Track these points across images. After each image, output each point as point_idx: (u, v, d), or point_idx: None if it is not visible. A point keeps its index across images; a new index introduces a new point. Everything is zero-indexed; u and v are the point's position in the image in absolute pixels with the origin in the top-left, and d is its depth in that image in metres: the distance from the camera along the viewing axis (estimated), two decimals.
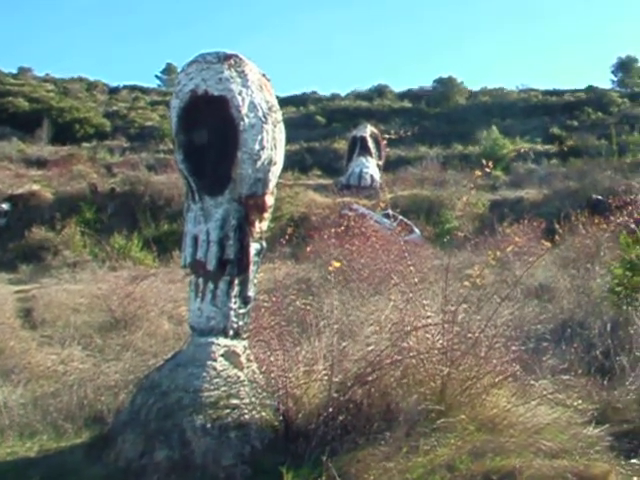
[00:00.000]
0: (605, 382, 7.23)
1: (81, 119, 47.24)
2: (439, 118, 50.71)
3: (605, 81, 61.36)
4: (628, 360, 7.39)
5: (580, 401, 6.62)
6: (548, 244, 8.73)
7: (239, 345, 6.35)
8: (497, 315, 6.94)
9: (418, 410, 5.88)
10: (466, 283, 7.07)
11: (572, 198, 22.28)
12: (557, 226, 16.03)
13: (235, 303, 6.33)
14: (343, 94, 60.78)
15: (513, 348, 6.74)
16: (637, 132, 39.87)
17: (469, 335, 6.48)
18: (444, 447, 5.61)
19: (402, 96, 58.44)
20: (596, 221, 14.14)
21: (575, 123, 46.92)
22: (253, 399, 5.99)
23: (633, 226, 10.39)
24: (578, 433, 5.96)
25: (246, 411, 5.89)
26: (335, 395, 5.98)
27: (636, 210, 10.62)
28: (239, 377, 6.09)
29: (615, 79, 60.30)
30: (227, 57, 6.31)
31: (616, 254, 10.80)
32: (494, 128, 39.40)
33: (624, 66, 59.69)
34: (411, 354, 6.28)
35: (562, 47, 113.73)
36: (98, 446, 6.18)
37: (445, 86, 56.68)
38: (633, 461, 5.63)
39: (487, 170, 7.56)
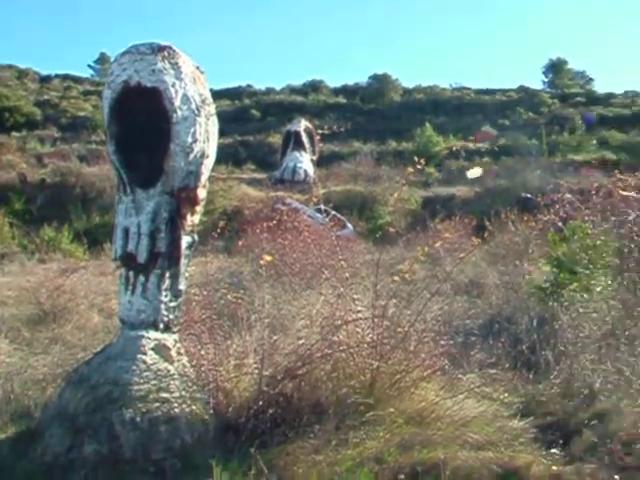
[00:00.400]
0: (530, 376, 7.42)
1: (11, 107, 46.10)
2: (373, 114, 50.98)
3: (536, 82, 62.47)
4: (553, 354, 7.59)
5: (506, 394, 6.78)
6: (478, 241, 8.88)
7: (169, 339, 6.31)
8: (427, 310, 7.06)
9: (347, 403, 5.96)
10: (396, 278, 7.16)
11: (503, 196, 22.60)
12: (487, 223, 16.28)
13: (166, 296, 6.29)
14: (278, 88, 60.78)
15: (442, 342, 6.87)
16: (567, 132, 40.71)
17: (399, 329, 6.57)
18: (373, 440, 5.68)
19: (337, 92, 58.60)
20: (525, 219, 14.41)
21: (507, 122, 47.64)
22: (183, 393, 5.97)
23: (560, 224, 10.63)
24: (504, 426, 6.11)
25: (176, 405, 5.87)
26: (265, 388, 6.01)
27: (563, 209, 10.87)
28: (169, 371, 6.06)
29: (546, 80, 61.44)
30: (161, 49, 6.25)
31: (544, 251, 11.03)
32: (428, 125, 39.78)
33: (554, 67, 60.81)
34: (341, 348, 6.35)
35: (495, 47, 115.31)
36: (24, 441, 6.08)
37: (380, 82, 56.94)
38: (553, 451, 5.80)
39: (419, 167, 7.67)
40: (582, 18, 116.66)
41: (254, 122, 49.04)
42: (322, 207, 17.50)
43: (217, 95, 9.05)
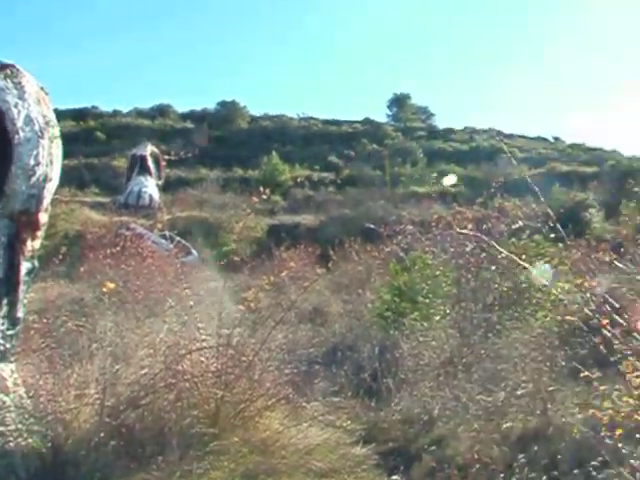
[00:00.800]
0: (372, 403, 7.58)
1: None
2: (220, 141, 50.94)
3: (381, 115, 64.10)
4: (394, 382, 7.79)
5: (349, 422, 6.90)
6: (322, 270, 9.03)
7: (6, 369, 6.06)
8: (271, 338, 7.09)
9: (191, 433, 5.90)
10: (241, 306, 7.18)
11: (347, 225, 23.08)
12: (332, 252, 16.55)
13: (3, 324, 6.04)
14: (125, 111, 59.70)
15: (286, 371, 6.92)
16: (409, 165, 42.02)
17: (243, 358, 6.57)
18: (217, 470, 5.65)
19: (184, 116, 58.26)
20: (368, 249, 14.74)
21: (352, 153, 48.60)
22: (19, 425, 5.74)
23: (402, 254, 10.94)
24: (347, 453, 6.21)
25: (11, 438, 5.63)
26: (107, 419, 5.87)
27: (405, 239, 11.19)
28: (5, 402, 5.81)
29: (390, 113, 63.21)
30: (3, 67, 6.05)
31: (385, 280, 11.32)
32: (274, 154, 40.21)
33: (399, 102, 62.69)
34: (185, 377, 6.29)
35: (342, 78, 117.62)
36: None
37: (228, 109, 57.10)
38: (395, 477, 5.94)
39: (264, 196, 7.74)
40: (425, 55, 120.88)
41: (99, 144, 48.07)
42: (167, 233, 17.44)
43: (61, 115, 8.82)
